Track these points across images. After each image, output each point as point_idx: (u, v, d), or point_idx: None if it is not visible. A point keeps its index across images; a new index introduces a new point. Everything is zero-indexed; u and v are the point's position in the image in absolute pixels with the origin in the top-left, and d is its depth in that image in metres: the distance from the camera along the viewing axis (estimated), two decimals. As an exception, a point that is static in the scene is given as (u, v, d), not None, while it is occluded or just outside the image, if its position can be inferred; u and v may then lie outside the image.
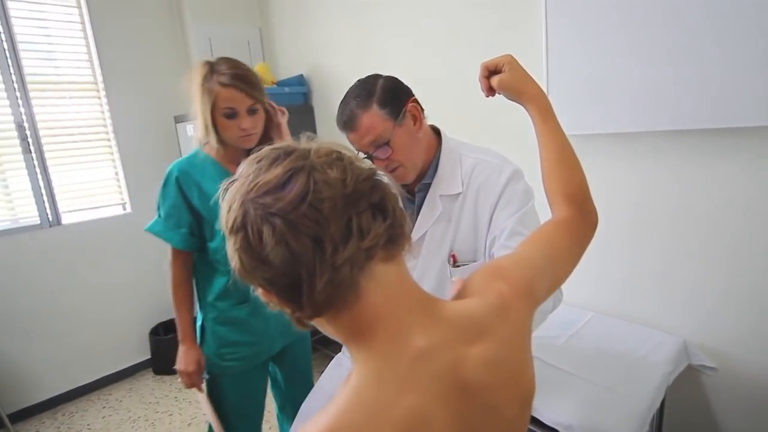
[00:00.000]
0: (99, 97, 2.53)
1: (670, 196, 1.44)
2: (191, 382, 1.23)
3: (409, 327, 0.46)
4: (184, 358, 1.22)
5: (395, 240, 0.47)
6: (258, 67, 2.54)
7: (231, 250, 0.46)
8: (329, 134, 2.64)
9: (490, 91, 0.82)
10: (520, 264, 0.56)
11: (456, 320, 0.49)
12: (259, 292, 0.48)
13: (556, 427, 1.15)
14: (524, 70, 0.78)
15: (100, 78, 2.50)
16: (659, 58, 1.32)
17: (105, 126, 2.57)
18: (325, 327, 0.50)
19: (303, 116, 2.68)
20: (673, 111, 1.33)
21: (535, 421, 1.19)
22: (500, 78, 0.78)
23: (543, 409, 1.19)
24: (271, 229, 0.42)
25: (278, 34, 2.80)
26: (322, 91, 2.63)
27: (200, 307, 1.30)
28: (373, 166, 0.49)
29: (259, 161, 0.47)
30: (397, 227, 0.47)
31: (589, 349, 1.43)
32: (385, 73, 1.01)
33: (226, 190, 0.47)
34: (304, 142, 0.49)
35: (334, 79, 2.52)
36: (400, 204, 0.49)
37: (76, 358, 2.51)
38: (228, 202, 0.46)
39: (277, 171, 0.44)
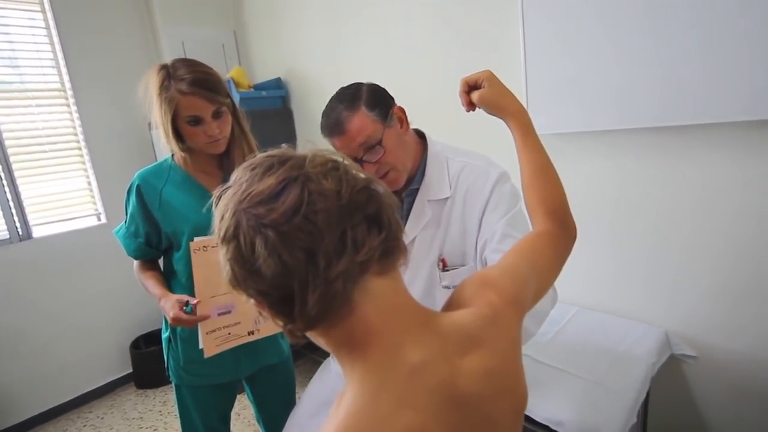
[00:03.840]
0: (68, 105, 2.44)
1: (649, 192, 1.48)
2: (184, 322, 1.09)
3: (403, 341, 0.46)
4: (164, 309, 1.12)
5: (390, 253, 0.46)
6: (234, 71, 2.50)
7: (223, 259, 0.46)
8: (309, 137, 2.61)
9: (471, 105, 0.83)
10: (507, 274, 0.57)
11: (450, 333, 0.49)
12: (251, 303, 0.47)
13: (548, 424, 1.17)
14: (504, 85, 0.80)
15: (68, 85, 2.41)
16: (637, 56, 1.35)
17: (75, 135, 2.48)
18: (318, 339, 0.49)
19: (282, 120, 2.64)
20: (651, 108, 1.35)
21: (527, 418, 1.21)
22: (480, 94, 0.80)
23: (534, 406, 1.20)
24: (263, 240, 0.42)
25: (254, 37, 2.76)
26: (301, 94, 2.60)
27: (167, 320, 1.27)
28: (370, 176, 0.48)
29: (254, 169, 0.46)
30: (392, 240, 0.46)
31: (576, 345, 1.46)
32: (364, 75, 1.00)
33: (219, 197, 0.47)
34: (300, 149, 0.48)
35: (313, 82, 2.50)
36: (396, 215, 0.49)
37: (53, 376, 2.42)
38: (221, 210, 0.45)
39: (271, 181, 0.43)
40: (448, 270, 1.00)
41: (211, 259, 1.11)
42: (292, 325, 0.45)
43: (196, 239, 1.12)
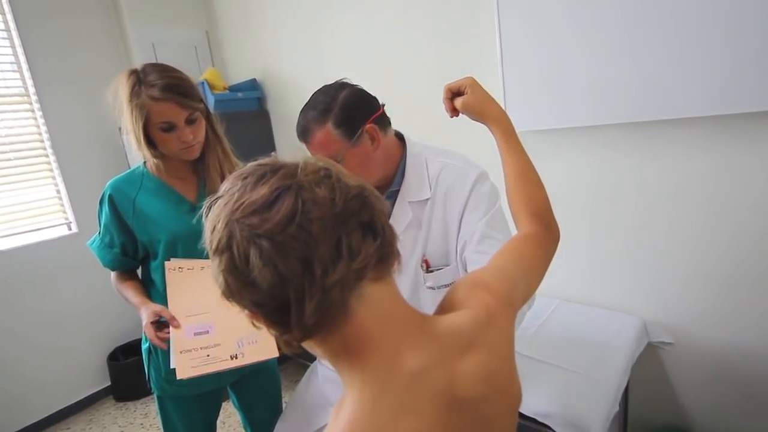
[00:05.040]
0: (32, 110, 2.34)
1: (624, 185, 1.52)
2: (156, 338, 1.05)
3: (402, 348, 0.46)
4: (141, 318, 1.09)
5: (385, 259, 0.46)
6: (208, 73, 2.44)
7: (216, 270, 0.45)
8: (287, 139, 2.58)
9: (454, 111, 0.85)
10: (498, 276, 0.58)
11: (447, 336, 0.49)
12: (245, 313, 0.47)
13: (535, 417, 1.19)
14: (486, 92, 0.82)
15: (32, 90, 2.31)
16: (611, 53, 1.38)
17: (41, 141, 2.38)
18: (314, 349, 0.49)
19: (259, 121, 2.60)
20: (626, 104, 1.39)
21: (515, 412, 1.22)
22: (464, 100, 0.82)
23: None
24: (258, 251, 0.41)
25: (226, 38, 2.70)
26: (278, 95, 2.56)
27: None
28: (362, 182, 0.48)
29: (245, 178, 0.45)
30: (387, 246, 0.46)
31: (558, 337, 1.49)
32: (341, 72, 0.99)
33: (210, 208, 0.46)
34: (290, 157, 0.47)
35: (289, 82, 2.47)
36: (389, 221, 0.49)
37: (27, 394, 2.32)
38: (212, 221, 0.45)
39: (264, 190, 0.43)
40: (432, 271, 1.00)
41: (185, 280, 1.10)
42: (288, 335, 0.45)
43: (173, 260, 1.11)
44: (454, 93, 0.84)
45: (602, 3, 1.36)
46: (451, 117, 0.87)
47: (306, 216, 0.42)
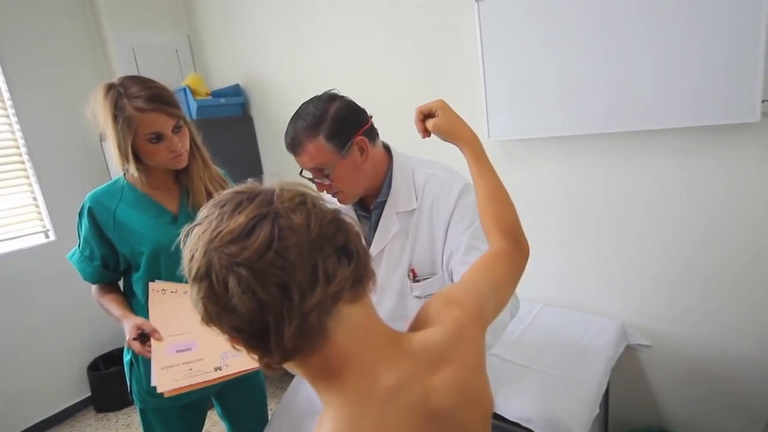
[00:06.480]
0: (7, 116, 2.28)
1: (603, 193, 1.56)
2: (144, 351, 1.07)
3: (377, 365, 0.48)
4: (124, 331, 1.09)
5: (361, 281, 0.48)
6: (190, 79, 2.41)
7: (195, 297, 0.46)
8: (270, 145, 2.57)
9: (426, 132, 0.87)
10: (470, 292, 0.60)
11: (420, 352, 0.51)
12: (225, 338, 0.48)
13: (518, 421, 1.21)
14: (456, 114, 0.84)
15: (6, 94, 2.25)
16: (591, 66, 1.41)
17: (17, 147, 2.32)
18: (294, 370, 0.50)
19: (242, 127, 2.58)
20: (604, 115, 1.43)
21: (499, 417, 1.25)
22: (435, 122, 0.84)
23: (505, 405, 1.24)
24: (236, 278, 0.42)
25: (208, 42, 2.67)
26: (262, 100, 2.54)
27: None
28: (337, 208, 0.50)
29: (222, 206, 0.46)
30: (362, 268, 0.48)
31: (541, 341, 1.52)
32: (325, 77, 0.99)
33: (188, 235, 0.47)
34: (267, 184, 0.48)
35: (273, 87, 2.45)
36: (363, 243, 0.51)
37: (4, 406, 2.26)
38: (190, 249, 0.46)
39: (241, 219, 0.44)
40: (418, 280, 1.02)
41: (168, 302, 1.10)
42: (268, 358, 0.46)
43: (157, 281, 1.11)
44: (425, 114, 0.86)
45: (583, 16, 1.39)
46: (423, 138, 0.89)
47: (283, 243, 0.43)
